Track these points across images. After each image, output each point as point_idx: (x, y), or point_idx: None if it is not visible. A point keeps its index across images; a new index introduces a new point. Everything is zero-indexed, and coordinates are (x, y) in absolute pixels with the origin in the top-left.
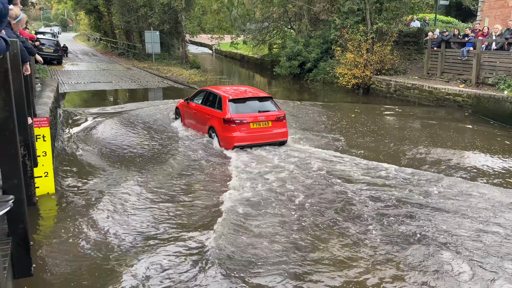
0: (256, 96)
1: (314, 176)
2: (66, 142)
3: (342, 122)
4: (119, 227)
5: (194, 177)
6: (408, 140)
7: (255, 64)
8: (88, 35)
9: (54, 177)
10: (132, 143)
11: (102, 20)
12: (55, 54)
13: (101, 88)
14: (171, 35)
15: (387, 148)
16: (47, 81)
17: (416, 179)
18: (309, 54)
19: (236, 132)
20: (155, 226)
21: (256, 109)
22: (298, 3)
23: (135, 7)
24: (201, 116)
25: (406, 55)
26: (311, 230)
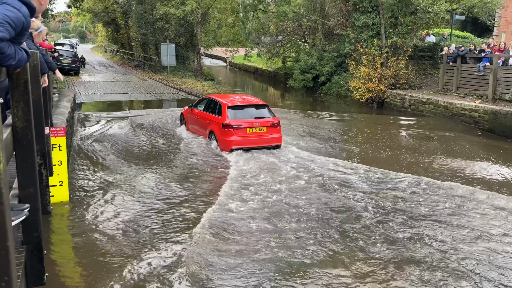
0: (253, 104)
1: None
2: (81, 140)
3: (358, 137)
4: (132, 233)
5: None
6: (424, 154)
7: (269, 77)
8: (105, 47)
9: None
10: (140, 143)
11: (120, 32)
12: (73, 65)
13: (117, 99)
14: (187, 47)
15: (404, 162)
16: (64, 91)
17: (433, 191)
18: (323, 68)
19: (234, 136)
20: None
21: (253, 115)
22: (313, 17)
23: (152, 20)
24: (203, 121)
25: (421, 69)
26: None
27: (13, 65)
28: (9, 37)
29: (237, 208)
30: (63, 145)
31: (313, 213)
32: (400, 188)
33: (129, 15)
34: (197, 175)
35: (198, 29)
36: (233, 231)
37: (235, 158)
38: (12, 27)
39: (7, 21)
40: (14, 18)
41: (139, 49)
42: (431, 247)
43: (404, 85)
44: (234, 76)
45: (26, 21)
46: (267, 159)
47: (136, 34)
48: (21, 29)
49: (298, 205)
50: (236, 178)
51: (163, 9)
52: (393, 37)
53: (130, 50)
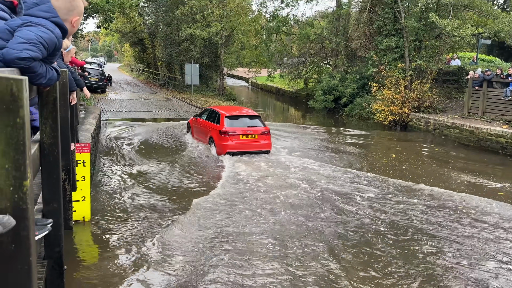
0: (247, 115)
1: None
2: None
3: (383, 160)
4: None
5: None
6: (453, 183)
7: (290, 97)
8: (132, 66)
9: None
10: (153, 146)
11: (146, 52)
12: (100, 83)
13: (141, 116)
14: (210, 68)
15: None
16: (90, 109)
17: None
18: (345, 89)
19: (229, 141)
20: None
21: (246, 124)
22: (335, 40)
23: (178, 41)
24: (205, 129)
25: (446, 93)
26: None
27: (44, 84)
28: (42, 57)
29: (228, 190)
30: (87, 161)
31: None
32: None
33: (155, 36)
34: (198, 170)
35: (222, 50)
36: (227, 195)
37: (228, 159)
38: (45, 47)
39: (40, 41)
40: (47, 39)
41: (164, 68)
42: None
43: (428, 109)
44: (256, 96)
45: (58, 42)
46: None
47: (162, 54)
48: (53, 49)
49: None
50: (229, 174)
51: (189, 30)
52: (417, 60)
53: (156, 70)
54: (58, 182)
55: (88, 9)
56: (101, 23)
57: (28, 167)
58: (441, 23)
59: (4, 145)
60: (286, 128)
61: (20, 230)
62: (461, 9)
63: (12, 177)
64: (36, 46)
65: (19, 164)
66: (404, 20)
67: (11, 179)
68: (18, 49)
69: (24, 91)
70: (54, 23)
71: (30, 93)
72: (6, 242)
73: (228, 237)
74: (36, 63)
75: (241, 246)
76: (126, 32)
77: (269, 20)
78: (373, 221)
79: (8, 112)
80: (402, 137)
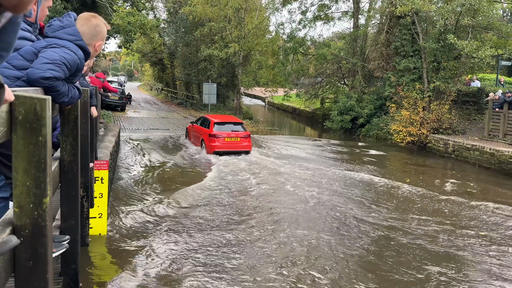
0: (232, 121)
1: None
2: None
3: (404, 182)
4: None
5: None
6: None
7: (307, 117)
8: (151, 85)
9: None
10: (156, 146)
11: (165, 72)
12: (120, 101)
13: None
14: (227, 87)
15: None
16: (110, 126)
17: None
18: (362, 110)
19: (216, 143)
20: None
21: (231, 129)
22: (352, 60)
23: (196, 61)
24: (198, 133)
25: (465, 115)
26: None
27: (66, 102)
28: (64, 77)
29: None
30: (105, 178)
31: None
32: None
33: (175, 56)
34: (192, 164)
35: (240, 70)
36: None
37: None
38: (68, 68)
39: (64, 62)
40: (70, 60)
41: (183, 87)
42: None
43: (447, 130)
44: (272, 115)
45: (80, 64)
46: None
47: (181, 74)
48: (75, 70)
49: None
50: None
51: (208, 51)
52: (436, 82)
53: (174, 89)
54: (76, 199)
55: (111, 29)
56: (123, 43)
57: (48, 185)
58: (459, 45)
59: (26, 163)
60: (293, 139)
61: (38, 247)
62: (480, 31)
63: (33, 194)
64: (59, 66)
65: (39, 181)
66: (422, 41)
67: (32, 196)
68: (42, 69)
69: (47, 110)
70: (78, 46)
71: (52, 112)
72: (24, 258)
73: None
74: (59, 82)
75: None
76: (147, 52)
77: (287, 41)
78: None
79: (31, 131)
80: (420, 160)
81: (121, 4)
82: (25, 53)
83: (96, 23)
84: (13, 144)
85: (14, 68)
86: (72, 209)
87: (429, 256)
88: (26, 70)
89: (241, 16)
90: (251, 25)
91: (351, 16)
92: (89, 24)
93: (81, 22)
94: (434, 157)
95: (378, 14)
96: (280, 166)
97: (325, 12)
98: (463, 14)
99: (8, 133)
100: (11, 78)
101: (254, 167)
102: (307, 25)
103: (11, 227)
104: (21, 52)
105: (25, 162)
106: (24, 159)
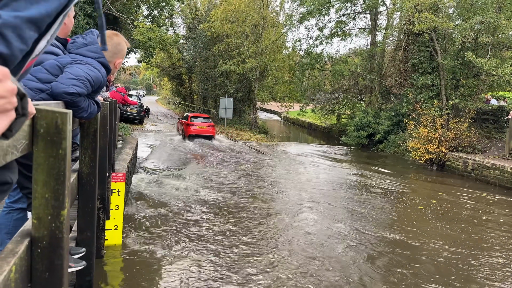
0: (203, 116)
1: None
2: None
3: (419, 207)
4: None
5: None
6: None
7: (322, 132)
8: (169, 99)
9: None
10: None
11: (183, 86)
12: (138, 114)
13: None
14: (244, 101)
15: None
16: (128, 139)
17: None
18: (379, 126)
19: (190, 129)
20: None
21: (201, 120)
22: (369, 77)
23: (214, 76)
24: (181, 125)
25: (485, 133)
26: None
27: (84, 117)
28: (87, 93)
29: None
30: (122, 190)
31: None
32: None
33: (193, 70)
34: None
35: (256, 85)
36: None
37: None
38: (91, 84)
39: (88, 79)
40: (94, 77)
41: (200, 102)
42: None
43: (467, 148)
44: (288, 130)
45: (103, 80)
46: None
47: (198, 88)
48: (97, 87)
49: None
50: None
51: (225, 66)
52: (455, 99)
53: (191, 103)
54: (93, 211)
55: (131, 44)
56: (143, 58)
57: (67, 197)
58: (478, 62)
59: (45, 175)
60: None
61: (55, 259)
62: (500, 48)
63: (51, 206)
64: (83, 82)
65: (58, 193)
66: (440, 59)
67: (50, 208)
68: (67, 84)
69: (68, 123)
70: (100, 63)
71: (73, 125)
72: (40, 270)
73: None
74: (81, 98)
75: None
76: (166, 66)
77: (303, 56)
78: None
79: (52, 144)
80: (439, 178)
81: (142, 20)
82: (50, 67)
83: (117, 41)
84: (34, 157)
85: (39, 81)
86: (88, 221)
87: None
88: (50, 84)
89: (258, 32)
90: (268, 41)
91: (369, 33)
92: (111, 42)
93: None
94: (453, 176)
95: (396, 31)
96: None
97: (342, 29)
98: (481, 32)
99: (30, 146)
100: (35, 90)
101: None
102: (324, 41)
103: (29, 238)
104: (46, 65)
105: (45, 175)
106: (44, 171)
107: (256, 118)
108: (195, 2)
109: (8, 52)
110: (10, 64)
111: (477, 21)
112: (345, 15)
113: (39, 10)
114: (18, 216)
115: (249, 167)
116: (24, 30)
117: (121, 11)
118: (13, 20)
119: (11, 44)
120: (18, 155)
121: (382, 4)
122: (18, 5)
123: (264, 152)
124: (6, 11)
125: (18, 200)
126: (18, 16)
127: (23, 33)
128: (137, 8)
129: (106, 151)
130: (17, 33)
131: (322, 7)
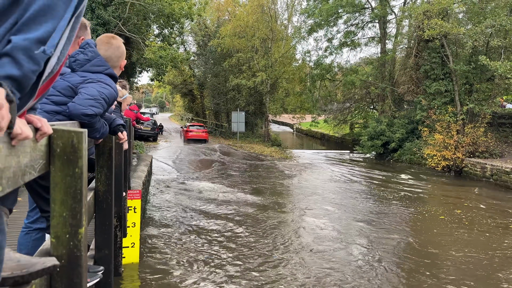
0: (198, 125)
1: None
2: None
3: (440, 216)
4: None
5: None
6: None
7: (336, 142)
8: (182, 115)
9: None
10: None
11: (195, 102)
12: (152, 132)
13: None
14: (255, 115)
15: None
16: (142, 156)
17: None
18: (393, 134)
19: (189, 134)
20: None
21: (197, 128)
22: (381, 85)
23: (225, 90)
24: (183, 132)
25: (502, 137)
26: None
27: (97, 137)
28: (103, 112)
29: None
30: (138, 208)
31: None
32: None
33: (204, 86)
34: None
35: (267, 98)
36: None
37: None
38: (106, 102)
39: (103, 97)
40: (108, 94)
41: (212, 116)
42: None
43: (484, 153)
44: (301, 142)
45: (116, 95)
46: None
47: (210, 103)
48: (112, 103)
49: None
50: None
51: (236, 80)
52: (469, 104)
53: (204, 118)
54: (110, 229)
55: (143, 63)
56: (155, 76)
57: (84, 215)
58: (492, 66)
59: (63, 194)
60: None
61: (74, 277)
62: None
63: (69, 224)
64: (99, 102)
65: (75, 212)
66: (452, 64)
67: (68, 227)
68: (84, 106)
69: (84, 142)
70: (108, 75)
71: (88, 144)
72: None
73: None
74: (97, 118)
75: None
76: (177, 84)
77: (313, 68)
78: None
79: (68, 163)
80: (456, 184)
81: (153, 39)
82: (62, 88)
83: (117, 44)
84: (51, 176)
85: (54, 104)
86: (106, 239)
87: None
88: (66, 105)
89: (267, 46)
90: (278, 54)
91: (378, 42)
92: (112, 47)
93: (104, 47)
94: (472, 182)
95: (406, 38)
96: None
97: (352, 39)
98: (493, 35)
99: (47, 165)
100: (51, 113)
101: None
102: (334, 52)
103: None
104: (58, 88)
105: (62, 194)
106: (61, 190)
107: (269, 130)
108: (204, 20)
109: (20, 73)
110: (25, 85)
111: (488, 24)
112: (354, 25)
113: (47, 29)
114: (36, 236)
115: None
116: (34, 51)
117: (132, 31)
118: (23, 42)
119: (22, 66)
120: (36, 174)
121: (390, 13)
122: (28, 28)
123: (285, 167)
124: (18, 35)
125: (36, 220)
126: (27, 38)
127: (34, 54)
128: (148, 28)
129: (121, 168)
130: (27, 54)
131: (330, 18)
